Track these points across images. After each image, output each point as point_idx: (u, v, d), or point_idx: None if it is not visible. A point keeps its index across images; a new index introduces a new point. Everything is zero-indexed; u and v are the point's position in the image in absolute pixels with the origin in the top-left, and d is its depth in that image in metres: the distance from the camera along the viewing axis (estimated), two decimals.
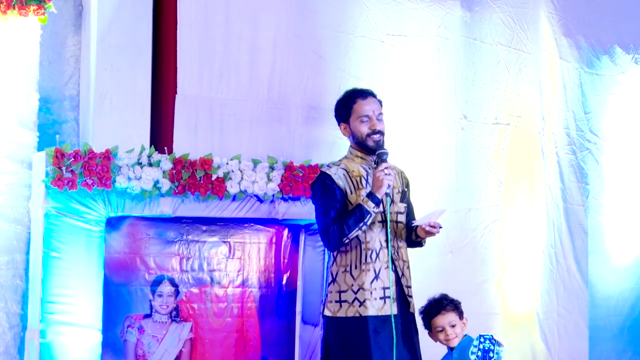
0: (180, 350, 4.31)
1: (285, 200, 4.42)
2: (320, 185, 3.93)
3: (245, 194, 4.33)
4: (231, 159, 4.34)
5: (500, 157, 5.30)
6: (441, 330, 4.10)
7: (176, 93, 4.43)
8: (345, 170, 3.94)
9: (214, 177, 4.25)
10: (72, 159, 3.97)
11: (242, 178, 4.32)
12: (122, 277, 4.20)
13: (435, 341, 4.16)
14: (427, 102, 5.11)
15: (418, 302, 4.10)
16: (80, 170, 3.97)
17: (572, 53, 5.45)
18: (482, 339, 3.98)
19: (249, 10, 4.60)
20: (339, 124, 4.04)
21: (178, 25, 4.44)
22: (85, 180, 3.97)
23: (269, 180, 4.38)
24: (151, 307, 4.27)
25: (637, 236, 5.66)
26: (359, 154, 3.98)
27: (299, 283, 4.55)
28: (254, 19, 4.61)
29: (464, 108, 5.20)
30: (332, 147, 4.71)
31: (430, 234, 3.91)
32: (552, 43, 5.42)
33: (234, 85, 4.56)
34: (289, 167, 4.42)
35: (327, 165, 4.03)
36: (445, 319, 4.09)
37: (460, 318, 4.13)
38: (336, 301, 3.89)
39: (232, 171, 4.31)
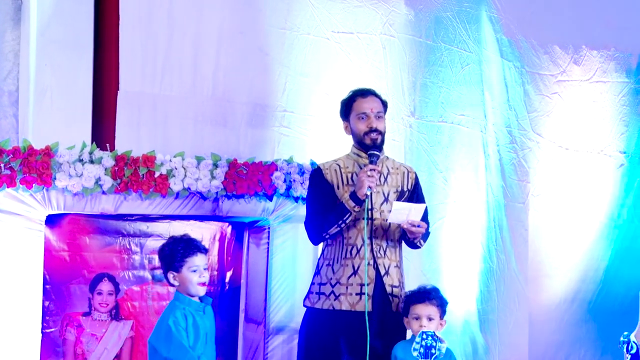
0: (121, 349, 4.28)
1: (229, 197, 4.40)
2: (310, 179, 4.10)
3: (189, 191, 4.31)
4: (174, 156, 4.30)
5: (445, 155, 5.34)
6: (417, 319, 3.99)
7: (118, 89, 4.37)
8: (339, 166, 4.04)
9: (156, 175, 4.22)
10: (11, 155, 3.91)
11: (185, 175, 4.29)
12: (61, 276, 4.15)
13: (407, 328, 4.08)
14: None
15: None
16: (19, 167, 3.91)
17: (513, 52, 5.51)
18: (424, 336, 3.99)
19: (192, 5, 4.56)
20: (343, 123, 4.12)
21: (120, 20, 4.39)
22: (25, 177, 3.91)
23: (213, 177, 4.35)
24: (90, 305, 4.23)
25: (576, 233, 5.74)
26: (358, 152, 4.06)
27: (243, 281, 4.54)
28: (198, 14, 4.57)
29: (411, 106, 5.22)
30: (277, 145, 4.70)
31: (411, 232, 3.92)
32: (494, 42, 5.46)
33: (177, 82, 4.52)
34: (232, 165, 4.40)
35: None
36: (426, 310, 3.99)
37: (440, 317, 4.11)
38: (316, 293, 4.00)
39: (176, 168, 4.28)
